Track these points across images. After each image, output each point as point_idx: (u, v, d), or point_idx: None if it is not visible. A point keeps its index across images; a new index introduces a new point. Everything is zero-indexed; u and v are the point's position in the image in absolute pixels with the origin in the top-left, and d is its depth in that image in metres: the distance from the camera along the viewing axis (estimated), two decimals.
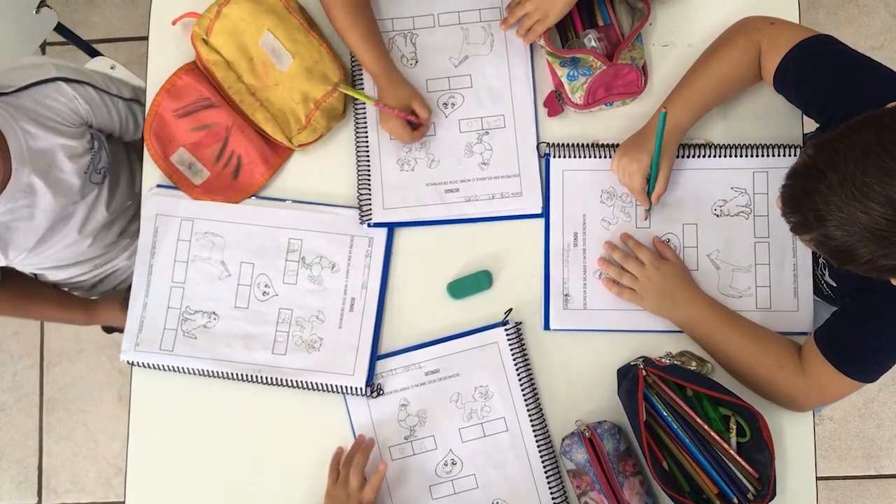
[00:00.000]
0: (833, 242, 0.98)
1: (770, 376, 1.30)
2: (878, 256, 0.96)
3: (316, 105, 1.38)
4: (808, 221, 0.99)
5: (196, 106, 1.41)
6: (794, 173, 1.03)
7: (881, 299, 1.20)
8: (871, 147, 0.94)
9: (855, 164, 0.94)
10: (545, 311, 1.39)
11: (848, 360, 1.23)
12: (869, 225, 0.94)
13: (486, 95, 1.42)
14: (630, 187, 1.35)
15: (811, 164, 0.99)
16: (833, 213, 0.96)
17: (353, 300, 1.40)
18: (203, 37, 1.40)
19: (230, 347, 1.39)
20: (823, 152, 0.99)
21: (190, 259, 1.42)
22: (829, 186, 0.96)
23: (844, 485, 2.32)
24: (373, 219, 1.40)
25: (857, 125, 0.98)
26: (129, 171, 1.62)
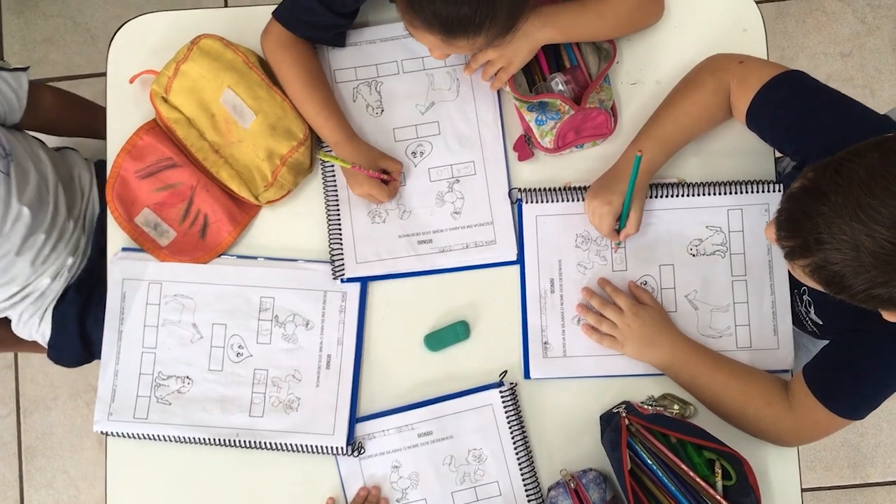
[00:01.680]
0: (832, 268, 0.96)
1: (757, 414, 1.29)
2: (877, 284, 0.94)
3: (282, 161, 1.35)
4: (807, 245, 0.97)
5: (159, 166, 1.38)
6: (793, 196, 1.00)
7: (870, 338, 1.19)
8: (877, 170, 0.93)
9: (859, 187, 0.93)
10: (525, 361, 1.37)
11: (837, 398, 1.22)
12: (872, 248, 0.92)
13: (454, 142, 1.40)
14: (599, 228, 1.34)
15: (812, 187, 0.98)
16: (835, 235, 0.94)
17: (329, 357, 1.38)
18: (162, 95, 1.36)
19: (206, 412, 1.36)
20: (826, 175, 0.97)
21: (160, 323, 1.39)
22: (832, 208, 0.94)
23: (831, 495, 2.32)
24: (346, 274, 1.38)
25: (860, 149, 0.97)
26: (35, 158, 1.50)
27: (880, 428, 2.33)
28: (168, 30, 1.44)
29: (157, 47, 1.42)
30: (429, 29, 1.14)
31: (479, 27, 1.12)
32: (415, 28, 1.16)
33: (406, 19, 1.16)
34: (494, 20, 1.11)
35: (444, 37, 1.14)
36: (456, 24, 1.11)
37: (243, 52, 1.36)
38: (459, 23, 1.11)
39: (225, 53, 1.35)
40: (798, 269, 1.03)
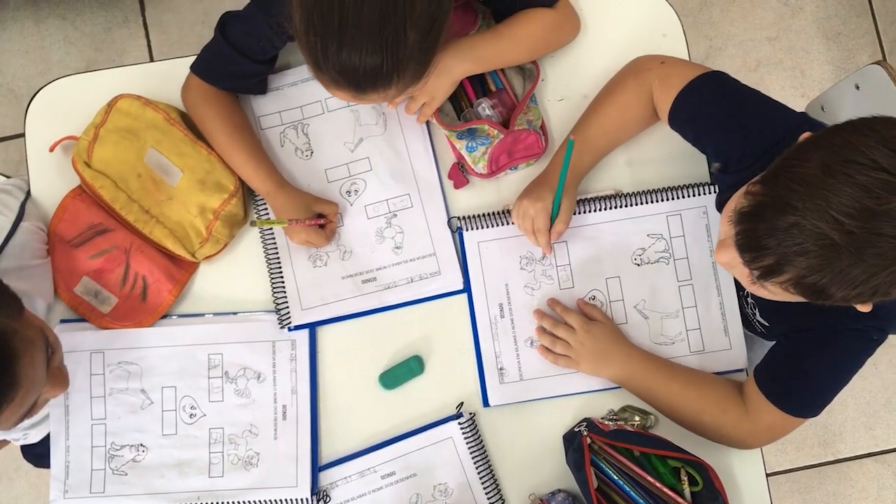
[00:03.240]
0: (813, 278, 0.94)
1: (715, 421, 1.29)
2: (861, 283, 0.92)
3: (215, 215, 1.32)
4: (781, 261, 0.95)
5: (90, 233, 1.35)
6: (750, 215, 0.98)
7: (812, 338, 1.21)
8: (830, 166, 0.91)
9: (819, 187, 0.91)
10: (482, 388, 1.36)
11: (789, 399, 1.23)
12: (847, 245, 0.90)
13: (387, 176, 1.38)
14: (529, 229, 1.32)
15: (770, 201, 0.96)
16: (810, 241, 0.91)
17: (284, 408, 1.35)
18: (85, 160, 1.33)
19: (164, 478, 1.33)
20: (779, 184, 0.95)
21: (107, 393, 1.35)
22: (802, 215, 0.91)
23: (806, 475, 2.34)
24: (292, 322, 1.36)
25: (801, 150, 0.96)
26: None
27: (846, 404, 2.36)
28: (87, 91, 1.40)
29: (78, 109, 1.38)
30: (337, 86, 1.12)
31: (387, 80, 1.10)
32: (325, 85, 1.14)
33: (315, 77, 1.13)
34: (403, 71, 1.09)
35: (355, 92, 1.12)
36: (363, 79, 1.09)
37: (163, 109, 1.34)
38: (366, 77, 1.09)
39: (144, 113, 1.32)
40: (773, 287, 1.00)
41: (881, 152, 0.89)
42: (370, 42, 1.05)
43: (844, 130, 0.95)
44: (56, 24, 2.45)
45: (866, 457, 2.35)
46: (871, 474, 2.34)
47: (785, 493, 2.33)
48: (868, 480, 2.34)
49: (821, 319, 1.16)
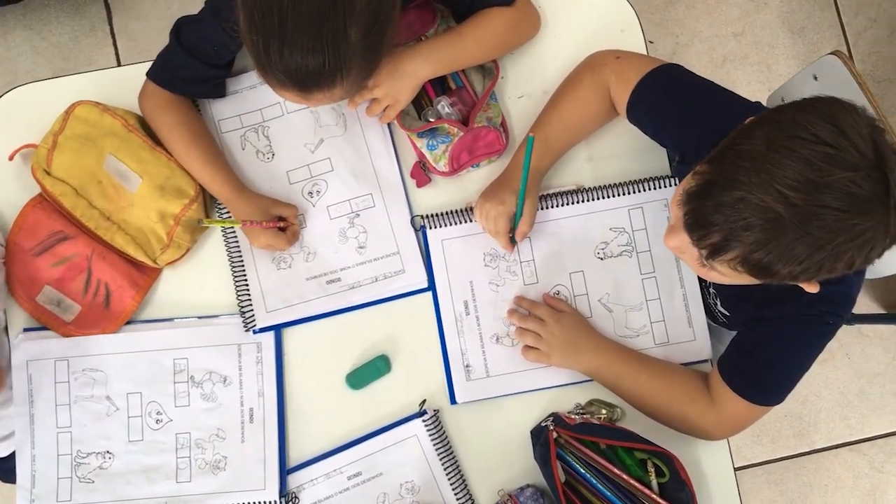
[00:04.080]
0: (758, 255, 0.94)
1: (682, 412, 1.30)
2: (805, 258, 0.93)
3: (176, 221, 1.32)
4: (728, 237, 0.95)
5: (51, 241, 1.34)
6: (697, 195, 0.99)
7: (771, 326, 1.21)
8: (774, 142, 0.93)
9: (764, 161, 0.92)
10: (449, 386, 1.37)
11: (752, 388, 1.24)
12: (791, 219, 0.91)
13: (349, 176, 1.38)
14: (494, 231, 1.33)
15: (715, 179, 0.97)
16: (760, 213, 0.92)
17: (251, 410, 1.35)
18: (44, 168, 1.33)
19: (131, 485, 1.33)
20: (724, 162, 0.97)
21: (72, 401, 1.35)
22: (748, 190, 0.92)
23: (782, 466, 2.36)
24: (257, 325, 1.35)
25: (744, 129, 0.98)
26: None
27: (820, 394, 2.38)
28: (48, 98, 1.39)
29: (39, 116, 1.37)
30: (283, 86, 1.12)
31: (331, 79, 1.10)
32: (272, 86, 1.14)
33: (262, 78, 1.14)
34: (347, 70, 1.09)
35: (300, 92, 1.12)
36: (306, 79, 1.09)
37: (121, 116, 1.33)
38: (309, 76, 1.09)
39: (102, 119, 1.32)
40: (722, 266, 1.01)
41: (823, 127, 0.91)
42: (310, 40, 1.05)
43: (788, 109, 0.97)
44: (23, 35, 2.44)
45: (841, 447, 2.37)
46: (846, 464, 2.36)
47: (761, 484, 2.34)
48: (844, 470, 2.36)
49: (778, 307, 1.17)
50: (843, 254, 0.93)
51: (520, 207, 1.30)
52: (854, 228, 0.91)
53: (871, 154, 0.90)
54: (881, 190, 0.90)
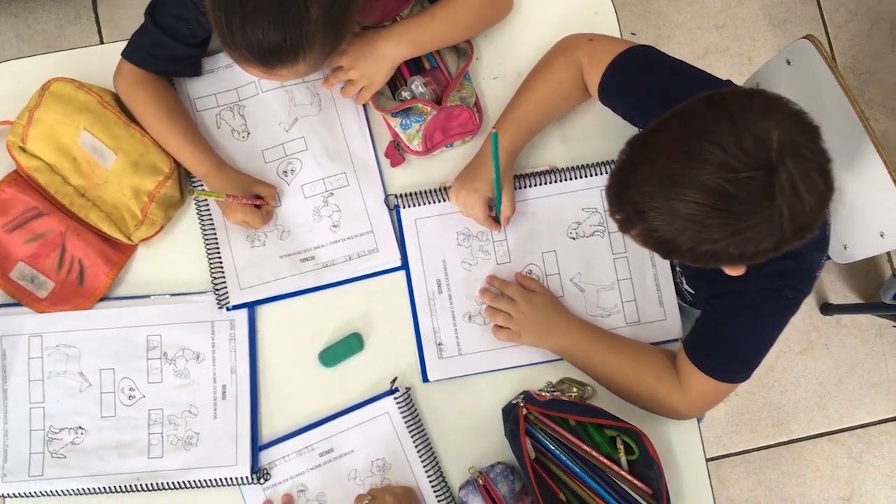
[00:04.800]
0: (656, 234, 0.99)
1: (650, 391, 1.31)
2: (698, 243, 0.97)
3: (150, 197, 1.33)
4: (629, 217, 1.01)
5: (25, 217, 1.35)
6: (613, 172, 1.05)
7: (731, 302, 1.22)
8: (676, 136, 0.97)
9: (662, 153, 0.97)
10: (421, 364, 1.37)
11: (717, 366, 1.25)
12: (683, 211, 0.95)
13: (323, 156, 1.39)
14: (474, 217, 1.35)
15: (627, 160, 1.02)
16: (649, 203, 0.97)
17: (224, 387, 1.36)
18: (19, 144, 1.33)
19: (103, 460, 1.33)
20: (636, 147, 1.02)
21: (45, 376, 1.35)
22: (642, 178, 0.98)
23: (760, 455, 2.37)
24: (230, 301, 1.36)
25: (665, 118, 1.00)
26: None
27: (798, 384, 2.39)
28: (24, 76, 1.40)
29: (15, 94, 1.38)
30: (247, 62, 1.13)
31: (293, 55, 1.11)
32: (237, 62, 1.15)
33: (227, 54, 1.15)
34: (310, 46, 1.11)
35: (263, 67, 1.13)
36: (269, 55, 1.10)
37: (97, 93, 1.34)
38: (272, 53, 1.10)
39: (77, 95, 1.32)
40: (634, 239, 1.06)
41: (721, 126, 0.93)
42: (271, 16, 1.06)
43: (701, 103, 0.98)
44: (8, 23, 2.44)
45: (820, 436, 2.38)
46: (824, 453, 2.37)
47: (739, 474, 2.36)
48: (822, 460, 2.37)
49: (735, 283, 1.18)
50: (728, 247, 0.96)
51: (498, 195, 1.31)
52: (732, 226, 0.94)
53: (762, 155, 0.91)
54: (764, 192, 0.92)
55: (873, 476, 2.37)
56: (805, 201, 0.93)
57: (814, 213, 0.96)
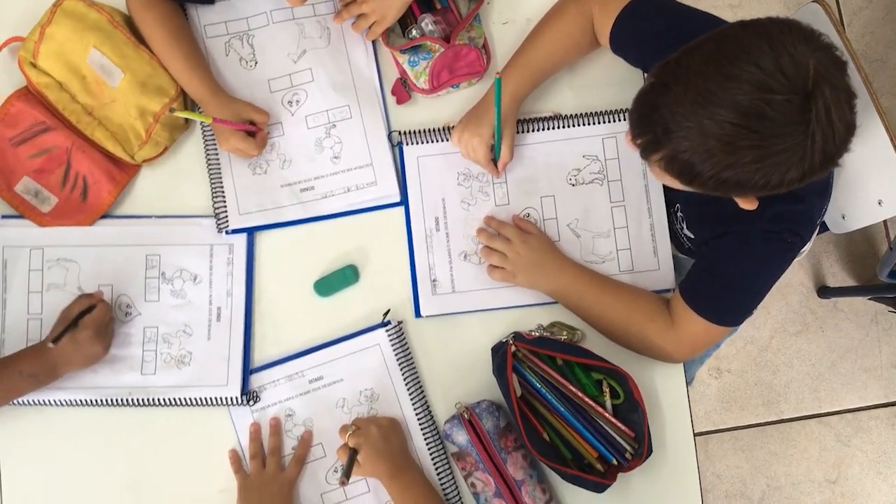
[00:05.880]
0: (682, 157, 0.99)
1: (641, 331, 1.32)
2: (724, 167, 0.97)
3: (155, 118, 1.34)
4: (657, 138, 1.01)
5: (32, 131, 1.36)
6: (640, 95, 1.05)
7: (732, 243, 1.23)
8: (712, 56, 0.97)
9: (697, 74, 0.96)
10: (414, 299, 1.39)
11: (710, 307, 1.26)
12: (716, 131, 0.95)
13: (329, 88, 1.40)
14: (475, 160, 1.36)
15: (657, 82, 1.02)
16: (681, 123, 0.97)
17: (219, 309, 1.37)
18: (31, 60, 1.34)
19: (96, 374, 1.35)
20: (667, 69, 1.01)
21: (44, 289, 1.37)
22: (674, 98, 0.98)
23: (749, 433, 2.38)
24: (230, 226, 1.38)
25: (698, 42, 1.01)
26: None
27: (791, 365, 2.40)
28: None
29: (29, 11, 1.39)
30: None
31: None
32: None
33: None
34: None
35: None
36: None
37: (108, 12, 1.35)
38: None
39: (89, 14, 1.34)
40: (654, 166, 1.07)
41: (760, 48, 0.93)
42: None
43: (738, 26, 0.99)
44: None
45: (809, 418, 2.40)
46: (813, 435, 2.39)
47: (727, 450, 2.37)
48: (810, 441, 2.38)
49: (737, 224, 1.19)
50: (754, 173, 0.97)
51: (498, 140, 1.32)
52: (763, 150, 0.95)
53: (800, 79, 0.92)
54: (800, 116, 0.93)
55: (860, 461, 2.38)
56: (837, 131, 0.94)
57: (842, 144, 0.96)
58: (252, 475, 1.33)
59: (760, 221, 1.17)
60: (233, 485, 1.34)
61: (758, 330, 2.40)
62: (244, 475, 1.34)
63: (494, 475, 1.29)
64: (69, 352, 1.28)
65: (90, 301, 1.31)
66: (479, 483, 1.31)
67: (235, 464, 1.34)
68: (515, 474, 1.30)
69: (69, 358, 1.28)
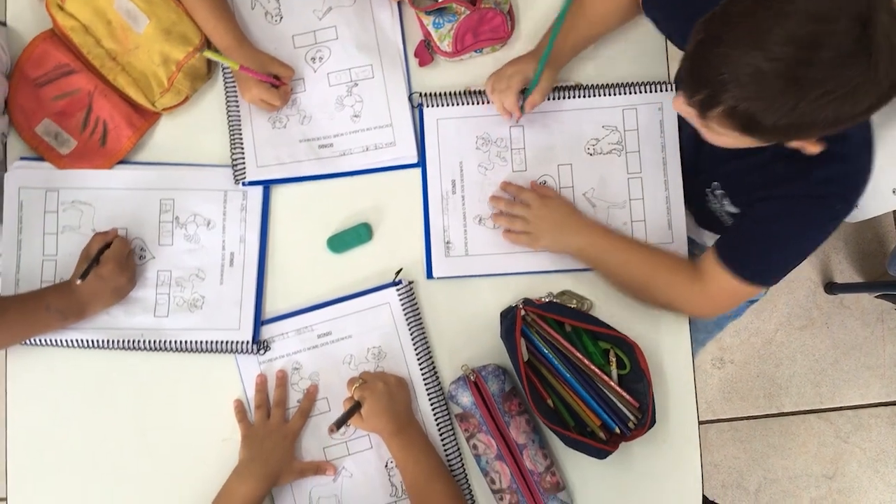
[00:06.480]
0: (743, 105, 0.96)
1: (666, 286, 1.31)
2: (789, 108, 0.94)
3: (178, 67, 1.35)
4: (714, 91, 0.97)
5: (56, 73, 1.37)
6: (690, 54, 1.01)
7: (777, 205, 1.21)
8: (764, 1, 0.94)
9: (747, 15, 0.94)
10: (427, 260, 1.39)
11: (746, 266, 1.23)
12: (775, 70, 0.92)
13: (352, 47, 1.41)
14: (502, 96, 1.33)
15: (705, 37, 0.98)
16: (737, 70, 0.94)
17: (232, 255, 1.38)
18: (58, 3, 1.35)
19: (109, 315, 1.36)
20: (714, 21, 0.98)
21: (60, 230, 1.38)
22: (728, 47, 0.94)
23: (748, 425, 2.39)
24: (247, 177, 1.38)
25: None
26: None
27: (794, 359, 2.41)
28: None
29: None
30: None
31: None
32: None
33: None
34: None
35: None
36: None
37: None
38: None
39: None
40: (712, 124, 1.03)
41: None
42: None
43: None
44: None
45: (810, 413, 2.40)
46: (812, 430, 2.39)
47: (726, 440, 2.38)
48: (809, 436, 2.39)
49: (784, 186, 1.17)
50: (826, 104, 0.93)
51: (537, 76, 1.31)
52: (833, 81, 0.92)
53: (853, 6, 0.90)
54: (860, 43, 0.91)
55: (858, 458, 2.39)
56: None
57: None
58: (256, 425, 1.34)
59: (807, 184, 1.15)
60: (235, 435, 1.35)
61: (763, 322, 2.40)
62: (248, 425, 1.34)
63: (497, 438, 1.30)
64: (96, 287, 1.29)
65: (105, 238, 1.33)
66: (480, 445, 1.31)
67: (240, 413, 1.35)
68: (518, 438, 1.30)
69: (96, 294, 1.30)
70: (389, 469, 1.35)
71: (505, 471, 1.30)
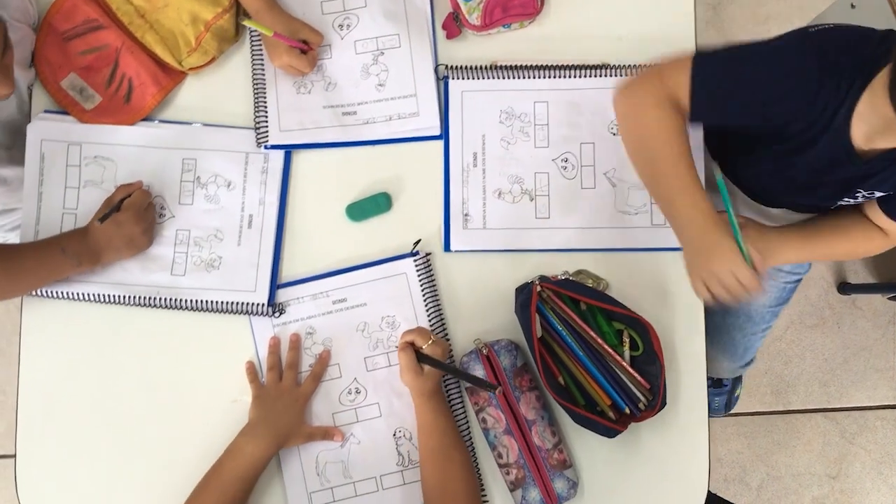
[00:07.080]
0: None
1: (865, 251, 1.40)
2: None
3: (206, 27, 1.35)
4: None
5: (84, 28, 1.37)
6: None
7: None
8: None
9: None
10: (445, 233, 1.39)
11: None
12: None
13: (380, 15, 1.41)
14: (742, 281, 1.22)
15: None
16: None
17: (250, 217, 1.38)
18: None
19: (126, 271, 1.36)
20: None
21: (81, 185, 1.38)
22: None
23: (754, 420, 2.38)
24: (269, 141, 1.38)
25: None
26: None
27: (803, 357, 2.40)
28: None
29: None
30: None
31: None
32: None
33: None
34: None
35: None
36: None
37: None
38: None
39: None
40: None
41: None
42: None
43: None
44: None
45: (816, 412, 2.39)
46: (818, 429, 2.38)
47: (731, 435, 2.37)
48: (814, 434, 2.38)
49: None
50: None
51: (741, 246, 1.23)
52: None
53: None
54: None
55: (863, 459, 2.38)
56: None
57: None
58: (268, 386, 1.34)
59: None
60: (245, 396, 1.36)
61: None
62: (259, 385, 1.35)
63: (507, 412, 1.30)
64: (111, 233, 1.30)
65: (129, 189, 1.33)
66: (490, 419, 1.32)
67: (252, 374, 1.36)
68: (527, 414, 1.31)
69: (111, 240, 1.31)
70: (398, 438, 1.35)
71: (513, 445, 1.30)
